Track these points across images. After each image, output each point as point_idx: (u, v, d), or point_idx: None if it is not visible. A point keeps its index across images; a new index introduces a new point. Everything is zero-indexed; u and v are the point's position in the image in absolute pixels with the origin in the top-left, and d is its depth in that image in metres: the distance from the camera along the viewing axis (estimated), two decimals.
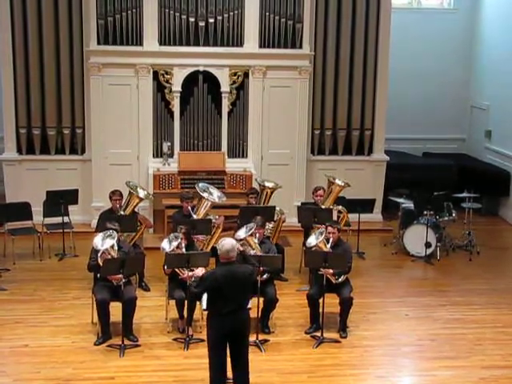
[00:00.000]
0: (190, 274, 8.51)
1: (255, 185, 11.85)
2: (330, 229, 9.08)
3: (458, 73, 15.67)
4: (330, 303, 8.83)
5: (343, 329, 8.84)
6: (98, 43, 12.20)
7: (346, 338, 8.75)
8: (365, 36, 13.09)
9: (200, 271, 8.49)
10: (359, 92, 13.25)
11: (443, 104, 15.68)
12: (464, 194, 12.28)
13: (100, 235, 8.68)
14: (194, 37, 12.31)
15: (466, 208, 12.26)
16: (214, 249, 9.95)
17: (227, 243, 6.97)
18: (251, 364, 7.14)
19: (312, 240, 9.02)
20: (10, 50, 12.30)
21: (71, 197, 11.49)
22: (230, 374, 7.13)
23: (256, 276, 7.41)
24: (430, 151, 15.72)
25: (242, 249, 7.58)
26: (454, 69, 15.63)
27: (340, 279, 8.84)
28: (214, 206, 10.44)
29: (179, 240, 8.70)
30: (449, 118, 15.80)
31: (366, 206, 11.85)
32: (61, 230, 11.34)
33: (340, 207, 11.24)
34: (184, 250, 8.74)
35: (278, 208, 10.95)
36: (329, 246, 8.95)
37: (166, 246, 8.70)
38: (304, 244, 10.30)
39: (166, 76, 12.43)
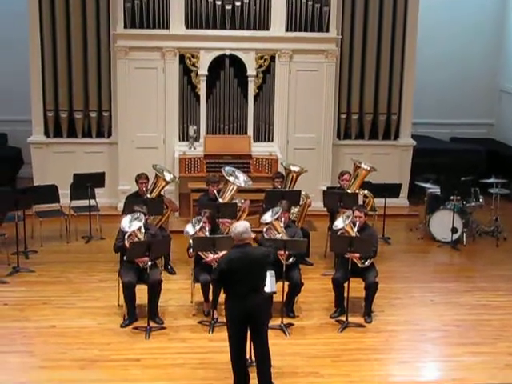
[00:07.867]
0: (215, 256, 8.54)
1: (281, 169, 11.84)
2: (356, 212, 9.06)
3: (486, 57, 15.45)
4: (355, 288, 8.82)
5: (368, 313, 8.83)
6: (125, 26, 12.21)
7: (370, 322, 8.74)
8: (392, 19, 12.95)
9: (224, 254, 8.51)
10: (386, 76, 13.14)
11: (471, 88, 15.45)
12: (492, 180, 12.16)
13: (128, 217, 8.74)
14: (221, 20, 12.27)
15: (494, 193, 12.13)
16: None
17: (240, 225, 6.96)
18: (275, 348, 7.15)
19: (339, 223, 9.01)
20: (38, 33, 12.35)
21: (98, 180, 11.55)
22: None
23: (273, 258, 7.32)
24: (458, 136, 15.56)
25: (254, 236, 7.50)
26: (483, 52, 15.40)
27: (366, 263, 8.82)
28: (240, 190, 10.46)
29: (201, 223, 8.72)
30: (477, 103, 15.60)
31: (392, 190, 11.76)
32: (87, 213, 11.43)
33: (366, 192, 11.20)
34: (207, 233, 8.77)
35: (303, 192, 10.95)
36: (355, 229, 8.94)
37: (190, 229, 8.72)
38: (329, 228, 10.28)
39: (192, 59, 12.42)
